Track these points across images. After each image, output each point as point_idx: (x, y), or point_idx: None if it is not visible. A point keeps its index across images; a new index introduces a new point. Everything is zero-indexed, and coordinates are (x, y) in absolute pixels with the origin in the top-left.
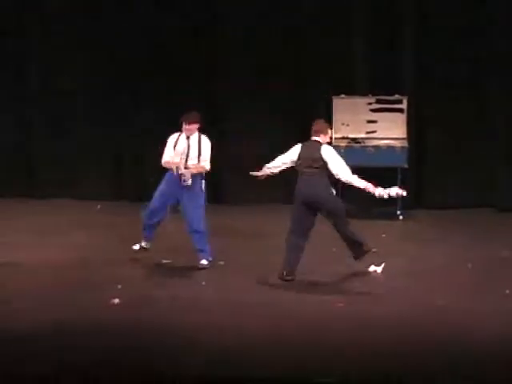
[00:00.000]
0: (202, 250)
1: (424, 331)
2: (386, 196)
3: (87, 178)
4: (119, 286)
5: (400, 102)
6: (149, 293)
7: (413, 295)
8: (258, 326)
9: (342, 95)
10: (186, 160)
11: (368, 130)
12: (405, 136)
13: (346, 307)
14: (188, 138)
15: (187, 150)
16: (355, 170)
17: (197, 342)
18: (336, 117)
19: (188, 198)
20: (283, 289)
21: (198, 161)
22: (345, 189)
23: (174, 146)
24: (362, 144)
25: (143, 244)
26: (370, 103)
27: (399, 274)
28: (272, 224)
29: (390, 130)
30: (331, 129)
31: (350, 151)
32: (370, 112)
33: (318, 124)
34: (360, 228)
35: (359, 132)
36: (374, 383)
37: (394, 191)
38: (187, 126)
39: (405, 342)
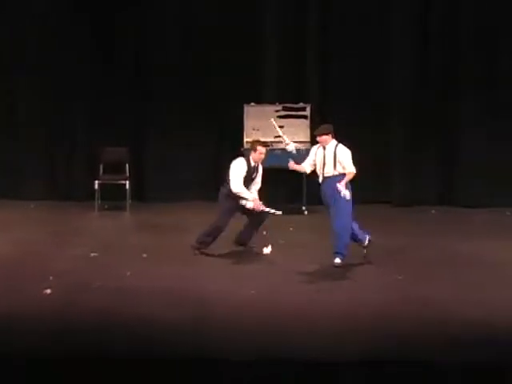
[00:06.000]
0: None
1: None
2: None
3: (24, 178)
4: (51, 278)
5: (304, 109)
6: (78, 283)
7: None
8: (173, 309)
9: (252, 103)
10: (323, 169)
11: (276, 135)
12: (308, 139)
13: (257, 295)
14: (324, 148)
15: (323, 160)
16: (264, 170)
17: (123, 326)
18: (247, 123)
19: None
20: (204, 277)
21: (334, 169)
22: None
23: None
24: (271, 147)
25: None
26: (277, 110)
27: (306, 263)
28: (192, 219)
29: (295, 135)
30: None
31: None
32: (278, 118)
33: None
34: (270, 222)
35: (268, 136)
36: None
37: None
38: (319, 139)
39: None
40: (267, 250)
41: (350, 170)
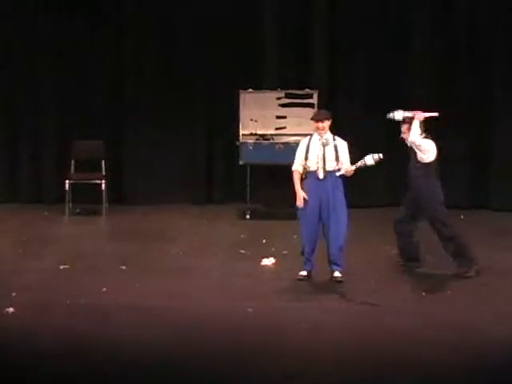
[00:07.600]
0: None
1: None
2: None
3: None
4: (13, 294)
5: (310, 96)
6: (45, 301)
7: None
8: (158, 332)
9: (250, 89)
10: (324, 162)
11: (277, 127)
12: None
13: (255, 312)
14: (321, 138)
15: (323, 152)
16: (264, 168)
17: (98, 350)
18: (244, 112)
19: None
20: (192, 293)
21: (337, 162)
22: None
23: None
24: (271, 141)
25: None
26: (279, 98)
27: (312, 275)
28: (179, 226)
29: (300, 126)
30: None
31: (259, 148)
32: (279, 107)
33: None
34: (272, 228)
35: (268, 128)
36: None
37: (370, 159)
38: (321, 125)
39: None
40: (267, 262)
41: (350, 166)
